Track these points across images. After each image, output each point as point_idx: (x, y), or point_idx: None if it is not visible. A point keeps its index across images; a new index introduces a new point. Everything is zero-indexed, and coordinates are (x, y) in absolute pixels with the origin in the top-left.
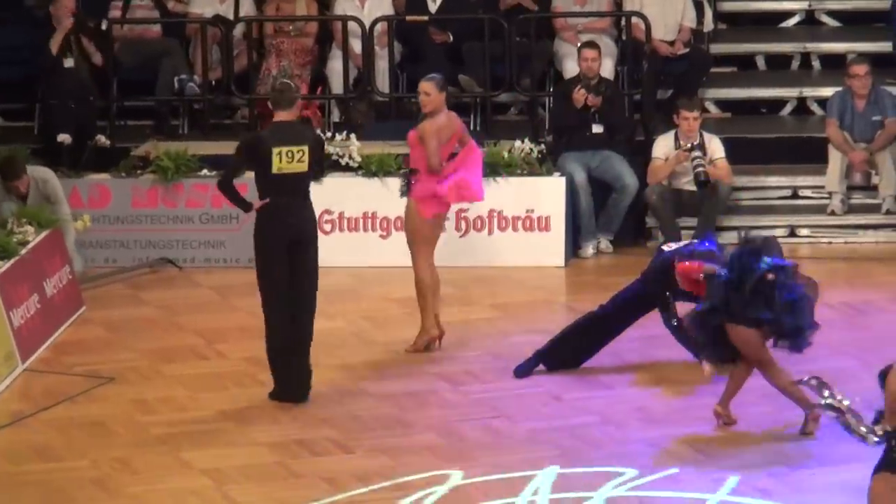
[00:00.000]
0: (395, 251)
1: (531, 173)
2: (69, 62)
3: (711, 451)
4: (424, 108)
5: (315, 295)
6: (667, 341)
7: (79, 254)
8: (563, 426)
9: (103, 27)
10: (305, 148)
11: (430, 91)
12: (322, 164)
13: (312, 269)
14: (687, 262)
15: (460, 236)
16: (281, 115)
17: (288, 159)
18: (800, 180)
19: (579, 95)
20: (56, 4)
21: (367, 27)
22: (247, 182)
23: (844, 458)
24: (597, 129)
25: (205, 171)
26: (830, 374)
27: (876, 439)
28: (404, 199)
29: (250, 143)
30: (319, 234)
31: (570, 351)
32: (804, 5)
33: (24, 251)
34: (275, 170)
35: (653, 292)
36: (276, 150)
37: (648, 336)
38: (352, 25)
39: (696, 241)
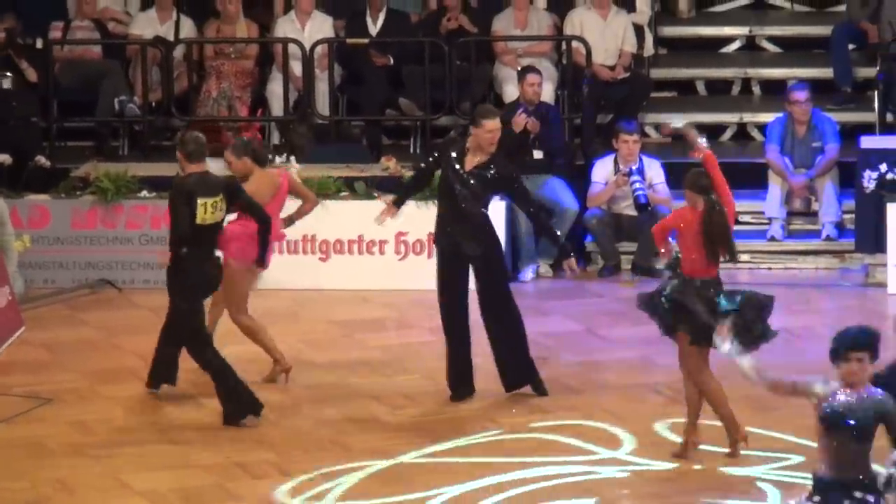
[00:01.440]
0: (335, 274)
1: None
2: (6, 83)
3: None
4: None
5: None
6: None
7: (19, 275)
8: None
9: (38, 45)
10: (219, 198)
11: (229, 160)
12: (252, 203)
13: None
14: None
15: (399, 259)
16: (194, 167)
17: (212, 210)
18: (739, 205)
19: (520, 120)
20: None
21: (308, 49)
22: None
23: None
24: (537, 154)
25: (144, 193)
26: (766, 399)
27: None
28: (346, 223)
29: (189, 191)
30: None
31: None
32: (745, 31)
33: None
34: (198, 221)
35: None
36: (200, 202)
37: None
38: (292, 48)
39: None
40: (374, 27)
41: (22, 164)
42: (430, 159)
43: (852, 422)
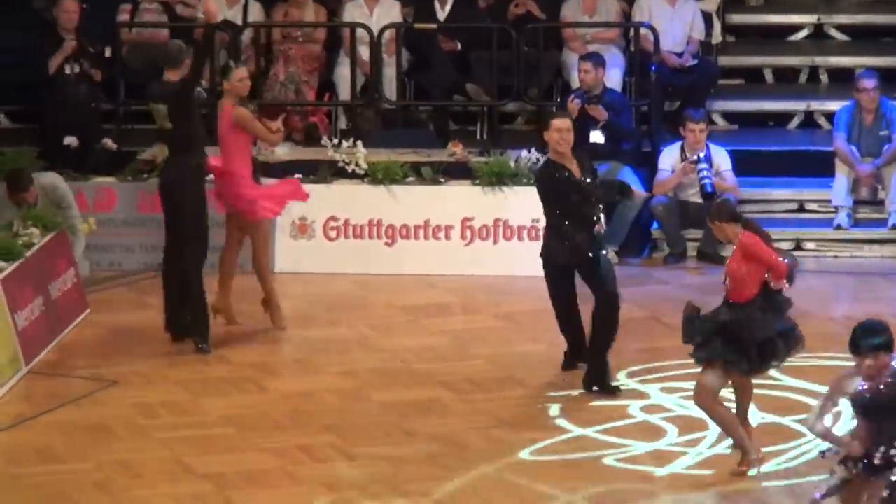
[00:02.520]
0: (401, 259)
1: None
2: (75, 68)
3: None
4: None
5: None
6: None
7: (85, 258)
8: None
9: (106, 55)
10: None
11: None
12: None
13: None
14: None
15: (465, 245)
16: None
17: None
18: (806, 194)
19: (573, 105)
20: (59, 11)
21: (376, 34)
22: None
23: None
24: (595, 137)
25: (211, 177)
26: None
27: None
28: (413, 208)
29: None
30: (324, 240)
31: None
32: (813, 19)
33: (29, 253)
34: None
35: None
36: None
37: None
38: (360, 32)
39: None
40: (442, 13)
41: (88, 146)
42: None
43: (884, 405)
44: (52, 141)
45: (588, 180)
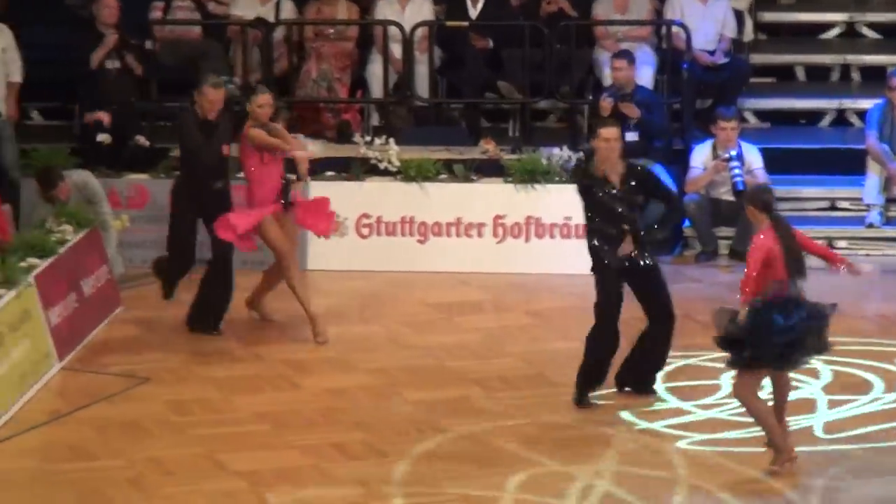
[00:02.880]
0: (433, 256)
1: (569, 181)
2: (115, 63)
3: None
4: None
5: None
6: None
7: (119, 256)
8: (594, 434)
9: (147, 46)
10: None
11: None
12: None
13: None
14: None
15: (497, 242)
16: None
17: None
18: (838, 192)
19: (605, 104)
20: (99, 7)
21: (408, 32)
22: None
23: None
24: (630, 136)
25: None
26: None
27: None
28: (445, 205)
29: None
30: (357, 237)
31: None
32: (845, 17)
33: (62, 250)
34: None
35: None
36: None
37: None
38: (392, 30)
39: None
40: (474, 10)
41: (121, 143)
42: (580, 188)
43: None
44: (88, 138)
45: (624, 194)
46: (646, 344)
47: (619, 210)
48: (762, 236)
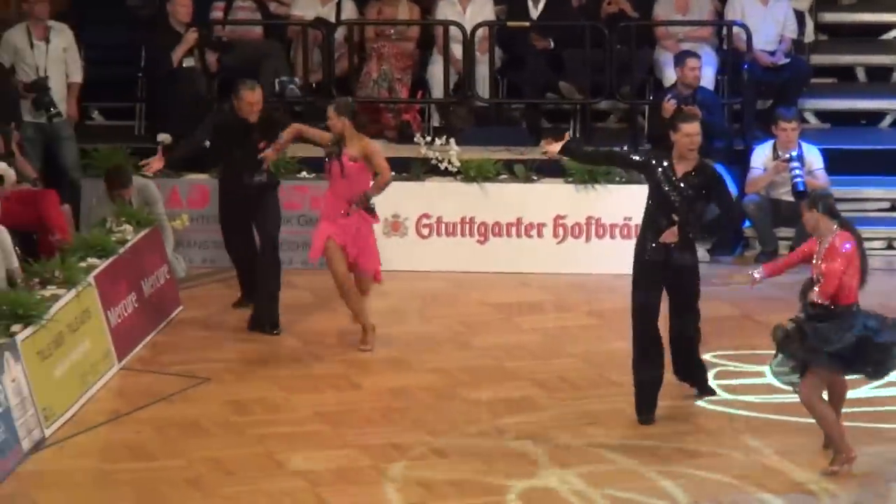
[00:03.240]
0: (493, 256)
1: (629, 181)
2: (189, 62)
3: None
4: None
5: None
6: None
7: (181, 258)
8: (656, 433)
9: (224, 39)
10: None
11: (329, 115)
12: None
13: None
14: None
15: (558, 243)
16: None
17: None
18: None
19: (669, 106)
20: (174, 6)
21: (469, 32)
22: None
23: None
24: None
25: (303, 174)
26: None
27: None
28: (505, 206)
29: None
30: (417, 238)
31: None
32: None
33: (122, 250)
34: None
35: None
36: None
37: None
38: (453, 30)
39: None
40: (535, 11)
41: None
42: (638, 157)
43: None
44: (154, 138)
45: (684, 186)
46: (672, 339)
47: (672, 199)
48: (847, 245)
